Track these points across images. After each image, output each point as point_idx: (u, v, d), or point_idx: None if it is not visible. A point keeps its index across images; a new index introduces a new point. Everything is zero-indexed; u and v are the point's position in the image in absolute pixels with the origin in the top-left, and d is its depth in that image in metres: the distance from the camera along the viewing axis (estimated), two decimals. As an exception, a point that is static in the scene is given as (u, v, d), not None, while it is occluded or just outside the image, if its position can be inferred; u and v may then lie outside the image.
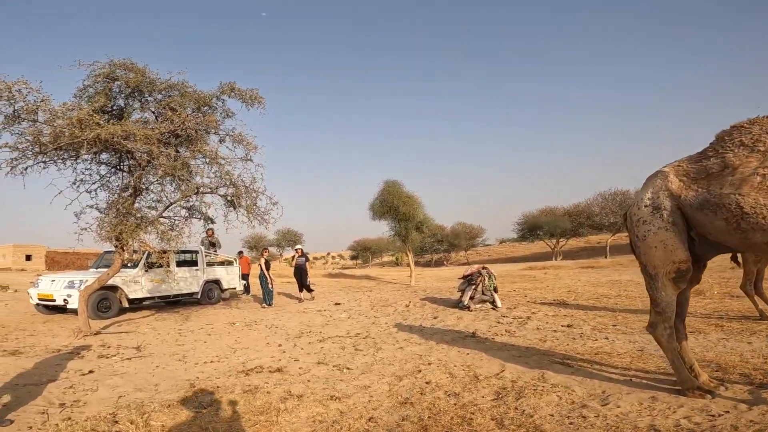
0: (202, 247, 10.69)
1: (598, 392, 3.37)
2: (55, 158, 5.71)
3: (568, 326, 6.16)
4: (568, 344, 5.09)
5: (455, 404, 3.29)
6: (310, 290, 11.36)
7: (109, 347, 5.68)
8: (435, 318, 7.60)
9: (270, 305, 10.17)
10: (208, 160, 6.41)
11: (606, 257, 31.69)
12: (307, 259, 11.54)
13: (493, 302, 8.14)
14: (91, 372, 4.51)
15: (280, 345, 5.90)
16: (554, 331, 5.92)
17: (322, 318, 8.33)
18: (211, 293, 10.74)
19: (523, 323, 6.57)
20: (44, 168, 5.81)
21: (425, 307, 9.05)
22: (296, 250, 11.66)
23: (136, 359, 5.13)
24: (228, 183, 6.51)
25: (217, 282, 10.93)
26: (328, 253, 66.21)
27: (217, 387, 3.90)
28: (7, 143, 4.76)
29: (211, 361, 5.03)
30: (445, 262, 44.45)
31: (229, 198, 6.66)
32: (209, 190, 6.50)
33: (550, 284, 12.45)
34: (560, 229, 36.93)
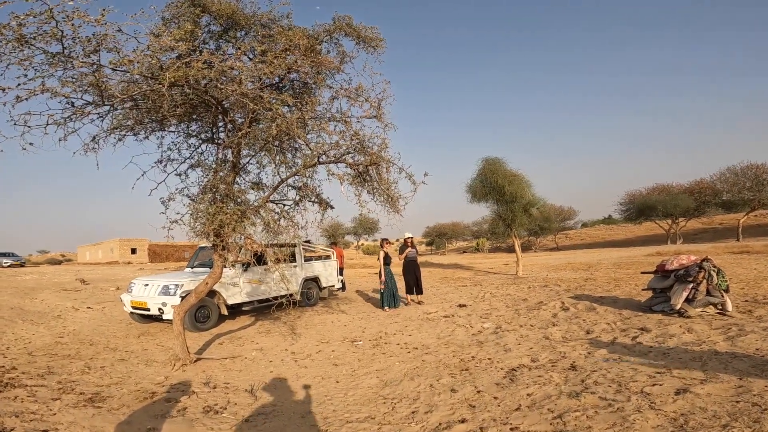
0: (300, 239, 9.03)
1: None
2: (132, 124, 4.16)
3: None
4: None
5: None
6: (421, 291, 9.07)
7: (215, 387, 4.03)
8: (644, 330, 5.10)
9: (396, 307, 8.30)
10: (325, 119, 4.45)
11: (738, 240, 26.89)
12: (417, 252, 9.33)
13: (722, 306, 5.74)
14: (196, 454, 2.78)
15: (453, 390, 3.81)
16: None
17: (463, 330, 6.20)
18: (310, 293, 9.15)
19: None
20: (119, 140, 4.31)
21: (595, 311, 6.54)
22: (407, 239, 8.97)
23: (258, 420, 3.36)
24: (357, 148, 4.50)
25: (315, 279, 9.32)
26: (397, 240, 64.75)
27: None
28: (44, 84, 3.07)
29: (371, 435, 3.07)
30: (533, 247, 40.29)
31: (361, 169, 4.62)
32: (333, 158, 4.53)
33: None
34: (680, 209, 30.88)
